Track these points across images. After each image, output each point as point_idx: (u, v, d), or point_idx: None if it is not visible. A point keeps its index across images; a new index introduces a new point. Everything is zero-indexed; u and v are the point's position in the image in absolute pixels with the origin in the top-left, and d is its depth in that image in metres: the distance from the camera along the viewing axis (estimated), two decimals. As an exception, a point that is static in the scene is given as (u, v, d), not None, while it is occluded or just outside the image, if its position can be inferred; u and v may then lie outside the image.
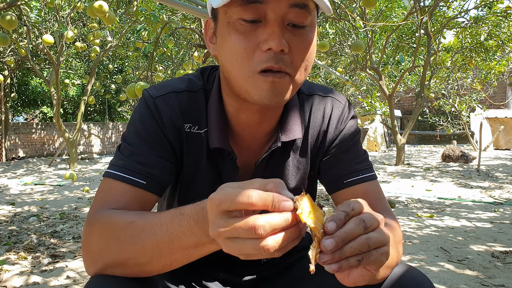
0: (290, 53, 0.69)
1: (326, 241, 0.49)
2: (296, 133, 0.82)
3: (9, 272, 2.18)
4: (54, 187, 5.68)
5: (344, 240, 0.50)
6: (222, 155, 0.82)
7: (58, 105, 7.78)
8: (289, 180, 0.87)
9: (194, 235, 0.58)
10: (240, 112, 0.79)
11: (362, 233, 0.51)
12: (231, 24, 0.68)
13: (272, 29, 0.66)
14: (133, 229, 0.63)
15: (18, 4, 3.36)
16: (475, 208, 3.95)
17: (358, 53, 7.10)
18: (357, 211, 0.52)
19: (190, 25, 5.41)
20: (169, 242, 0.60)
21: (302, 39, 0.70)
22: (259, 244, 0.49)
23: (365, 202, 0.55)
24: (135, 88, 2.71)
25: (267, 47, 0.66)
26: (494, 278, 2.07)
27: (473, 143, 11.47)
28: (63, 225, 3.26)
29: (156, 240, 0.61)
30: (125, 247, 0.63)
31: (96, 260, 0.67)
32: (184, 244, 0.60)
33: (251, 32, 0.68)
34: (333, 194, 0.86)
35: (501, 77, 10.70)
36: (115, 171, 0.74)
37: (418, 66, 8.24)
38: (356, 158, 0.85)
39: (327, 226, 0.50)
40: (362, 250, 0.51)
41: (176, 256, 0.62)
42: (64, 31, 5.32)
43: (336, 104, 0.88)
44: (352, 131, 0.87)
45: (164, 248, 0.61)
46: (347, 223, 0.51)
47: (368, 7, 3.12)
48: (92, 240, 0.68)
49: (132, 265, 0.64)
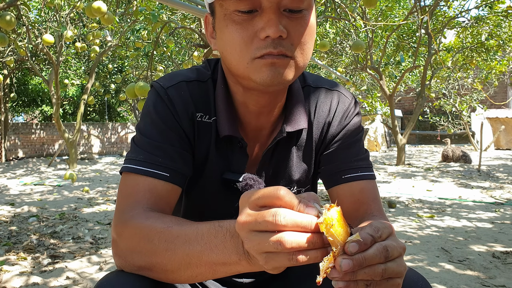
0: (290, 37, 0.69)
1: (343, 261, 0.47)
2: (301, 124, 0.82)
3: (9, 273, 2.17)
4: (54, 187, 5.67)
5: (361, 265, 0.48)
6: (232, 144, 0.82)
7: (57, 105, 7.77)
8: (292, 171, 0.87)
9: (226, 250, 0.57)
10: (247, 100, 0.80)
11: (381, 262, 0.49)
12: (228, 16, 0.69)
13: (268, 17, 0.66)
14: (168, 235, 0.63)
15: (17, 4, 3.35)
16: (475, 208, 3.94)
17: (358, 53, 7.10)
18: (383, 237, 0.51)
19: (190, 24, 5.40)
20: (200, 253, 0.59)
21: (300, 22, 0.70)
22: (277, 237, 0.48)
23: (392, 227, 0.53)
24: (135, 88, 2.71)
25: (264, 35, 0.67)
26: (494, 279, 2.06)
27: (474, 143, 11.46)
28: (63, 226, 3.25)
29: (188, 249, 0.60)
30: (157, 251, 0.63)
31: (126, 259, 0.67)
32: (214, 259, 0.58)
33: (248, 21, 0.68)
34: (330, 189, 0.85)
35: (501, 77, 10.69)
36: (137, 166, 0.74)
37: (419, 66, 8.23)
38: (357, 155, 0.84)
39: (349, 247, 0.48)
40: (375, 278, 0.49)
41: (203, 269, 0.60)
42: (63, 31, 5.31)
43: (342, 98, 0.87)
44: (355, 127, 0.87)
45: (193, 257, 0.60)
46: (370, 249, 0.49)
47: (369, 7, 3.11)
48: (123, 239, 0.68)
49: (159, 270, 0.64)
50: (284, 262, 0.49)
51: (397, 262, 0.51)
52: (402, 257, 0.52)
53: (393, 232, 0.53)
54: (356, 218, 0.79)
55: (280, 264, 0.50)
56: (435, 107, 13.24)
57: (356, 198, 0.81)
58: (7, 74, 9.75)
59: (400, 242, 0.52)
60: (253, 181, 0.82)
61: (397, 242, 0.51)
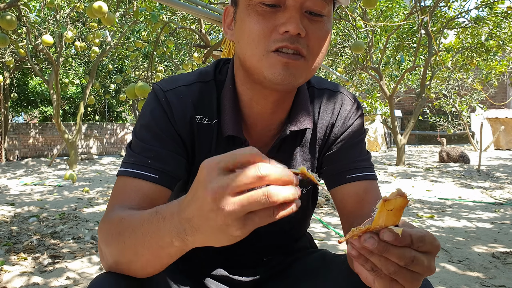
0: (307, 38, 0.71)
1: (370, 238, 0.49)
2: (305, 123, 0.83)
3: (9, 273, 2.17)
4: (54, 187, 5.67)
5: (381, 253, 0.49)
6: (235, 144, 0.82)
7: (57, 105, 7.77)
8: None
9: (160, 233, 0.56)
10: (253, 101, 0.80)
11: (400, 264, 0.50)
12: (252, 6, 0.71)
13: (291, 14, 0.69)
14: (121, 227, 0.63)
15: (17, 5, 3.35)
16: (475, 208, 3.94)
17: (358, 53, 7.10)
18: (421, 249, 0.50)
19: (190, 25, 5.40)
20: (142, 240, 0.59)
21: (320, 26, 0.72)
22: (263, 191, 0.45)
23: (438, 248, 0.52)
24: (135, 89, 2.71)
25: (284, 30, 0.69)
26: (494, 279, 2.07)
27: (474, 144, 11.47)
28: (63, 226, 3.25)
29: (134, 238, 0.60)
30: (113, 244, 0.64)
31: (105, 259, 0.68)
32: (152, 244, 0.58)
33: (270, 14, 0.70)
34: (333, 189, 0.86)
35: (501, 77, 10.69)
36: (127, 168, 0.75)
37: (419, 66, 8.23)
38: (359, 156, 0.85)
39: (384, 232, 0.48)
40: (384, 269, 0.50)
41: (148, 257, 0.60)
42: (63, 32, 5.31)
43: (345, 100, 0.89)
44: (358, 129, 0.88)
45: (138, 246, 0.60)
46: (400, 249, 0.49)
47: (369, 7, 3.11)
48: (100, 238, 0.69)
49: (122, 264, 0.64)
50: (265, 219, 0.47)
51: (414, 277, 0.51)
52: (423, 277, 0.52)
53: (434, 251, 0.52)
54: (361, 217, 0.80)
55: (260, 222, 0.47)
56: (435, 108, 13.25)
57: (361, 197, 0.82)
58: (7, 74, 9.75)
59: (432, 265, 0.52)
60: None
61: (429, 262, 0.51)
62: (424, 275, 0.52)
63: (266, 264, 0.94)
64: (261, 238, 0.91)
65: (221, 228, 0.47)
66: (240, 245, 0.90)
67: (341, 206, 0.85)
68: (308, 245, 1.02)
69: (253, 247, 0.92)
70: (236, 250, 0.92)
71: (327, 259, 0.90)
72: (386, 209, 0.49)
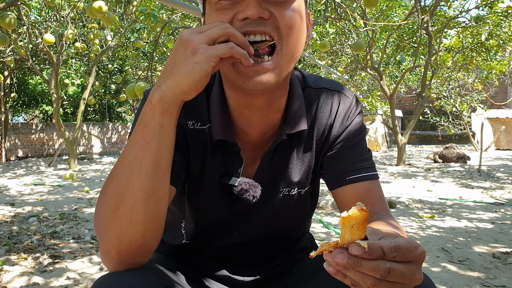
0: (274, 19, 0.67)
1: (340, 254, 0.48)
2: (301, 125, 0.82)
3: (10, 273, 2.17)
4: (54, 187, 5.67)
5: (353, 267, 0.48)
6: (227, 148, 0.81)
7: (57, 105, 7.77)
8: (293, 173, 0.86)
9: (146, 116, 0.65)
10: (241, 105, 0.79)
11: (376, 277, 0.49)
12: (212, 7, 0.70)
13: (248, 1, 0.66)
14: (112, 169, 0.67)
15: (17, 4, 3.35)
16: (476, 208, 3.94)
17: (358, 53, 7.09)
18: (397, 259, 0.49)
19: (190, 24, 5.40)
20: (130, 143, 0.65)
21: (285, 5, 0.68)
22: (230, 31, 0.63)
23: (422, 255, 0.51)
24: (135, 88, 2.71)
25: (243, 16, 0.66)
26: (495, 279, 2.06)
27: (474, 144, 11.46)
28: (63, 226, 3.25)
29: (124, 153, 0.65)
30: (106, 185, 0.66)
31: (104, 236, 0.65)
32: (138, 131, 0.65)
33: (228, 7, 0.68)
34: (334, 190, 0.85)
35: (502, 77, 10.68)
36: None
37: (419, 66, 8.22)
38: (360, 156, 0.84)
39: (352, 247, 0.48)
40: (362, 284, 0.50)
41: (140, 153, 0.64)
42: (64, 31, 5.31)
43: (343, 99, 0.87)
44: (358, 127, 0.86)
45: (129, 151, 0.64)
46: (371, 261, 0.48)
47: (369, 7, 3.11)
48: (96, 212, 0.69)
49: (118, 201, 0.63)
50: (224, 48, 0.62)
51: (395, 286, 0.49)
52: (409, 287, 0.51)
53: (416, 260, 0.51)
54: None
55: (220, 49, 0.62)
56: (436, 107, 13.24)
57: (362, 198, 0.81)
58: (7, 74, 9.75)
59: (415, 274, 0.50)
60: (248, 186, 0.82)
61: (410, 271, 0.49)
62: (409, 284, 0.51)
63: (267, 264, 0.94)
64: (262, 238, 0.91)
65: (188, 58, 0.62)
66: (241, 245, 0.91)
67: (343, 207, 0.84)
68: (309, 245, 1.02)
69: (254, 247, 0.92)
70: (237, 250, 0.92)
71: None
72: (347, 225, 0.49)
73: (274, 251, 0.95)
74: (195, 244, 0.91)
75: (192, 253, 0.93)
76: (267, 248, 0.94)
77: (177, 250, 0.93)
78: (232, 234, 0.89)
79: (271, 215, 0.88)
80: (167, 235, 0.95)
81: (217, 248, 0.91)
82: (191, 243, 0.91)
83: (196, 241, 0.91)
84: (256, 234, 0.90)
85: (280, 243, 0.95)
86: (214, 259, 0.92)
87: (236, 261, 0.92)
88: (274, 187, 0.86)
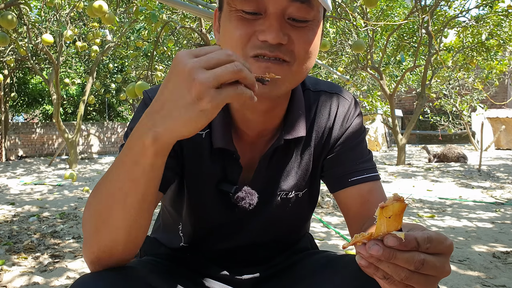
0: (291, 44, 0.68)
1: (375, 245, 0.48)
2: (299, 131, 0.82)
3: (10, 273, 2.17)
4: (54, 187, 5.67)
5: (388, 259, 0.48)
6: (226, 154, 0.81)
7: (57, 104, 7.77)
8: (290, 177, 0.86)
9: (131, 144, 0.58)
10: (244, 108, 0.79)
11: (410, 269, 0.49)
12: (233, 12, 0.69)
13: (270, 22, 0.66)
14: (97, 185, 0.65)
15: (18, 4, 3.35)
16: (476, 208, 3.94)
17: (359, 52, 7.09)
18: (430, 251, 0.49)
19: (190, 24, 5.40)
20: (116, 169, 0.61)
21: (304, 32, 0.69)
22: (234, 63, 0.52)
23: (450, 247, 0.51)
24: (135, 88, 2.70)
25: (263, 39, 0.66)
26: (495, 279, 2.06)
27: (474, 143, 11.46)
28: (63, 225, 3.25)
29: (109, 180, 0.62)
30: (90, 202, 0.65)
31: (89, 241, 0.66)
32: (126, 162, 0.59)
33: (250, 21, 0.68)
34: (336, 193, 0.85)
35: (502, 77, 10.67)
36: None
37: (419, 66, 8.22)
38: (361, 157, 0.84)
39: (388, 238, 0.48)
40: (395, 276, 0.49)
41: (125, 187, 0.60)
42: (63, 31, 5.31)
43: (342, 101, 0.87)
44: (357, 129, 0.86)
45: (113, 178, 0.61)
46: (406, 253, 0.48)
47: (369, 7, 3.11)
48: (83, 218, 0.69)
49: (99, 224, 0.63)
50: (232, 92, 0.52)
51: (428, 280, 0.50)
52: (438, 279, 0.51)
53: (446, 252, 0.51)
54: (367, 218, 0.79)
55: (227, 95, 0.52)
56: (436, 107, 13.24)
57: (365, 199, 0.81)
58: (7, 73, 9.74)
59: (445, 266, 0.51)
60: (244, 193, 0.81)
61: (441, 263, 0.50)
62: (439, 277, 0.51)
63: (267, 263, 0.94)
64: (262, 238, 0.91)
65: (193, 103, 0.51)
66: (240, 248, 0.91)
67: (346, 209, 0.84)
68: (309, 245, 1.02)
69: (253, 249, 0.92)
70: (236, 252, 0.91)
71: (330, 259, 0.90)
72: (384, 216, 0.48)
73: (273, 251, 0.95)
74: (194, 247, 0.91)
75: (190, 255, 0.93)
76: (267, 249, 0.94)
77: (175, 252, 0.93)
78: (230, 238, 0.89)
79: (269, 219, 0.87)
80: (165, 238, 0.95)
81: (216, 251, 0.91)
82: (189, 246, 0.91)
83: (194, 245, 0.91)
84: (255, 238, 0.90)
85: (280, 245, 0.95)
86: (213, 260, 0.92)
87: (235, 260, 0.92)
88: (271, 191, 0.86)
